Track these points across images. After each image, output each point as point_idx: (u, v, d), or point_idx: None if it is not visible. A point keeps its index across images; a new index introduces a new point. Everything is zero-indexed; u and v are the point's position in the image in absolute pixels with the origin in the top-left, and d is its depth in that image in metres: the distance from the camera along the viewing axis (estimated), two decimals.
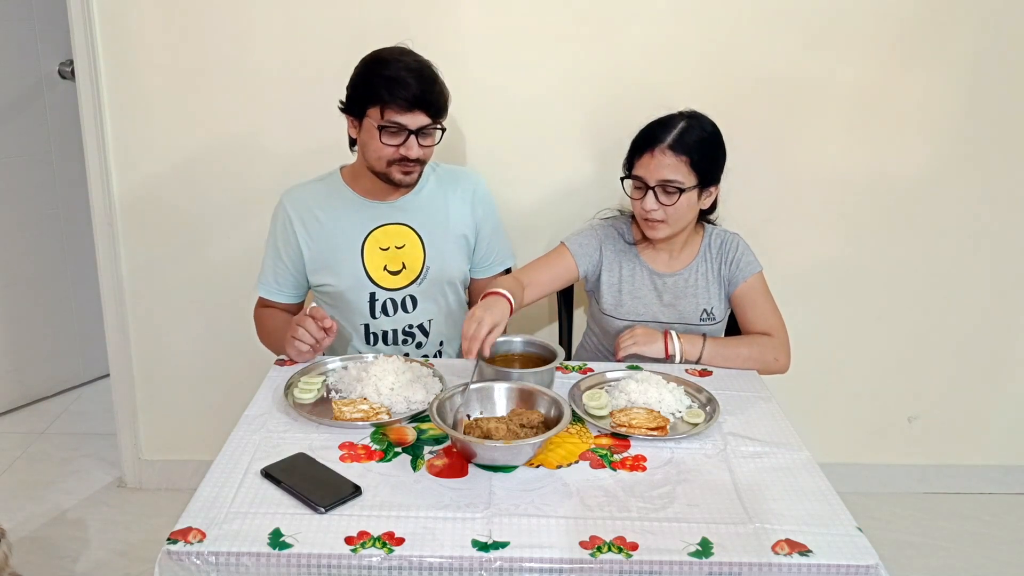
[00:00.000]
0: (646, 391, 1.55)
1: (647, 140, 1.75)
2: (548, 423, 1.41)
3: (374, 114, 1.69)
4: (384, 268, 1.83)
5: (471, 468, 1.34)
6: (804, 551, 1.16)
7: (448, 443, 1.41)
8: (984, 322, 2.43)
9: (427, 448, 1.40)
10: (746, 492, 1.30)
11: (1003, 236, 2.35)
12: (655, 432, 1.44)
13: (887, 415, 2.53)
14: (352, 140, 1.81)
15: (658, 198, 1.73)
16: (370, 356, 1.70)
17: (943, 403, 2.51)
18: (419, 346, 1.89)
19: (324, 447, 1.40)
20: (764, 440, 1.46)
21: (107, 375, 2.50)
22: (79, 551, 2.23)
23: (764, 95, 2.18)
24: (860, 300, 2.39)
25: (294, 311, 1.88)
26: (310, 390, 1.57)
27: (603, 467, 1.36)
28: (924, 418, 2.53)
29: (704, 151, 1.74)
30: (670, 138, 1.72)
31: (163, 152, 2.23)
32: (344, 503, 1.24)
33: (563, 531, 1.19)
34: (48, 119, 2.85)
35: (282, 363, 1.72)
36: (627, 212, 1.94)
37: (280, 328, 1.74)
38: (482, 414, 1.46)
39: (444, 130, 1.75)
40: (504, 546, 1.15)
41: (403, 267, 1.84)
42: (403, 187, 1.80)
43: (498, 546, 1.15)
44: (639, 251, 1.88)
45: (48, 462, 2.65)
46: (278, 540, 1.15)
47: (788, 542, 1.17)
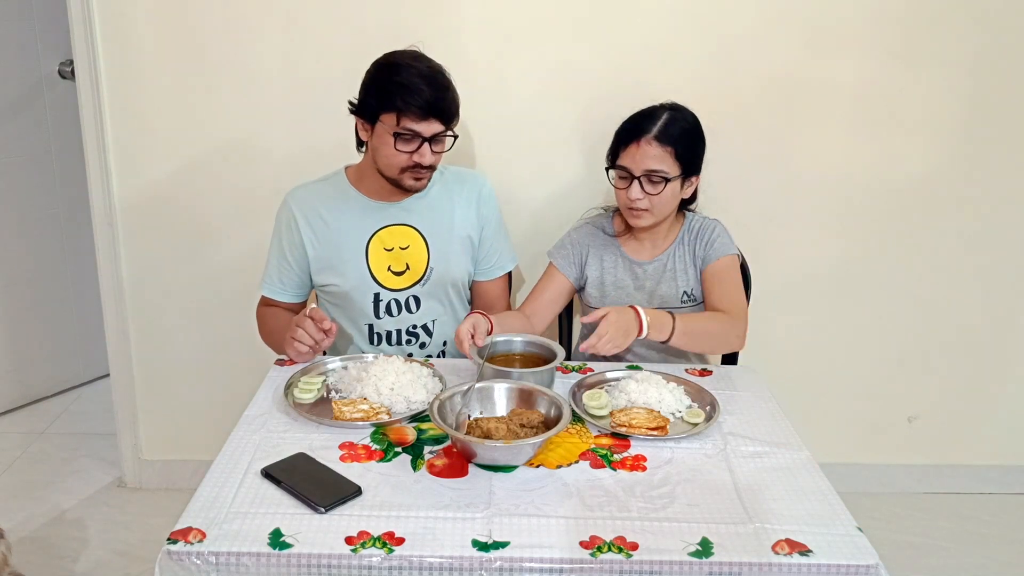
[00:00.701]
0: (646, 391, 1.55)
1: (632, 131, 1.79)
2: (548, 423, 1.41)
3: (388, 120, 1.68)
4: (388, 269, 1.83)
5: (471, 468, 1.35)
6: (804, 551, 1.16)
7: (448, 443, 1.41)
8: (984, 322, 2.43)
9: (427, 448, 1.40)
10: (746, 492, 1.30)
11: (1003, 236, 2.34)
12: (655, 432, 1.44)
13: (887, 415, 2.52)
14: (360, 141, 1.81)
15: (643, 187, 1.77)
16: (370, 356, 1.70)
17: (943, 403, 2.51)
18: (423, 346, 1.90)
19: (324, 447, 1.40)
20: (764, 440, 1.46)
21: (107, 375, 2.50)
22: (79, 551, 2.23)
23: (765, 95, 2.17)
24: (860, 300, 2.39)
25: (297, 310, 1.88)
26: (310, 390, 1.57)
27: (603, 467, 1.36)
28: (924, 418, 2.52)
29: (687, 142, 1.79)
30: (655, 129, 1.76)
31: (163, 152, 2.23)
32: (344, 503, 1.24)
33: (563, 531, 1.19)
34: (48, 119, 2.85)
35: (282, 363, 1.72)
36: (610, 208, 1.97)
37: (282, 327, 1.74)
38: (482, 414, 1.46)
39: (456, 137, 1.75)
40: (504, 546, 1.15)
41: (407, 268, 1.84)
42: (413, 192, 1.80)
43: (498, 546, 1.15)
44: (620, 243, 1.92)
45: (48, 462, 2.65)
46: (278, 540, 1.15)
47: (788, 542, 1.17)
